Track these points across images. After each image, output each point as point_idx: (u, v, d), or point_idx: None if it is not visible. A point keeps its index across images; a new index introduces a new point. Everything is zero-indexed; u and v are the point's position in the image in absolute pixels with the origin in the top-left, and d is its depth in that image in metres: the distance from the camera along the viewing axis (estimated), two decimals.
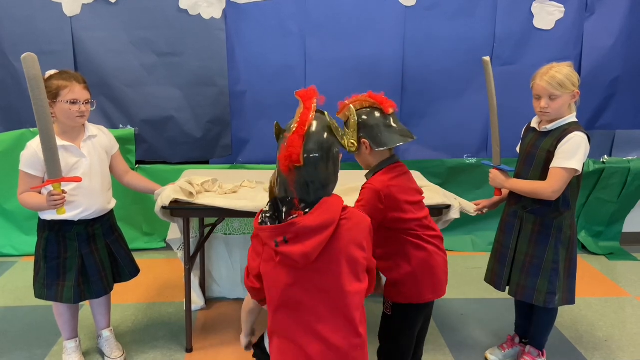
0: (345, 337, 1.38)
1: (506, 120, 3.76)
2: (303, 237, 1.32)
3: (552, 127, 2.15)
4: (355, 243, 1.38)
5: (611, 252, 3.87)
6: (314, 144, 1.37)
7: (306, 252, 1.31)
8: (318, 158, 1.37)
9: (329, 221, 1.33)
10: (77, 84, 2.14)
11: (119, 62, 3.46)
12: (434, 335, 2.71)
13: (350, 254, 1.37)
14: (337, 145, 1.43)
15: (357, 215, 1.43)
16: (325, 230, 1.32)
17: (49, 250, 2.20)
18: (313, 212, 1.34)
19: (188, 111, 3.56)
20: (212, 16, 3.44)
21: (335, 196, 1.43)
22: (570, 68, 2.12)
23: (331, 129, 1.42)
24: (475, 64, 3.64)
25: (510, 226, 2.29)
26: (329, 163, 1.39)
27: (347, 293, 1.37)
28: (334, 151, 1.40)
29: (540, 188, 2.12)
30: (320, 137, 1.39)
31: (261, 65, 3.54)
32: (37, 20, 3.37)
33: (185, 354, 2.53)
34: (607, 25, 3.60)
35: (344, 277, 1.36)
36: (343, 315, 1.38)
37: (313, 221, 1.32)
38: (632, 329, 2.82)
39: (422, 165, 3.61)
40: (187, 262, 2.47)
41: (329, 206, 1.36)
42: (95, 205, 2.24)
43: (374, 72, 3.57)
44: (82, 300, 2.27)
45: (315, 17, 3.49)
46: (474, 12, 3.56)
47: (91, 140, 2.24)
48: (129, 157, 3.62)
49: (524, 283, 2.23)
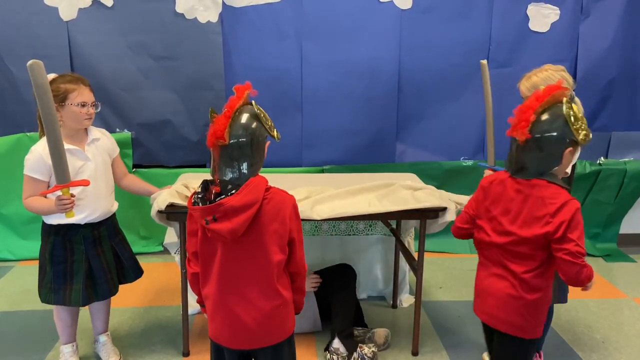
0: (268, 299, 1.61)
1: (502, 122, 3.77)
2: (230, 215, 1.49)
3: None
4: (276, 220, 1.56)
5: (608, 253, 3.88)
6: (240, 127, 1.53)
7: (233, 229, 1.50)
8: (243, 139, 1.53)
9: (253, 201, 1.50)
10: (84, 87, 2.15)
11: (115, 66, 3.47)
12: (431, 337, 2.71)
13: (273, 229, 1.56)
14: (263, 131, 1.57)
15: (280, 194, 1.60)
16: (250, 209, 1.50)
17: (56, 255, 2.20)
18: (239, 193, 1.51)
19: (185, 115, 3.57)
20: (208, 20, 3.44)
21: (259, 177, 1.57)
22: (557, 72, 2.09)
23: (258, 117, 1.55)
24: (472, 66, 3.65)
25: None
26: (252, 145, 1.54)
27: (271, 262, 1.58)
28: (257, 135, 1.55)
29: None
30: (246, 121, 1.54)
31: (258, 69, 3.54)
32: (34, 25, 3.37)
33: (182, 358, 2.52)
34: (602, 27, 3.62)
35: (268, 249, 1.57)
36: (266, 281, 1.60)
37: (238, 201, 1.49)
38: (629, 330, 2.82)
39: (418, 167, 3.61)
40: (184, 265, 2.47)
41: (252, 187, 1.52)
42: (101, 208, 2.25)
43: (370, 74, 3.58)
44: (89, 302, 2.28)
45: (312, 20, 3.50)
46: (470, 15, 3.57)
47: (95, 143, 2.25)
48: (126, 161, 3.61)
49: None
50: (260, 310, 1.61)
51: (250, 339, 1.64)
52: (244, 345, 1.66)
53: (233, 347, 1.67)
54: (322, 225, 3.11)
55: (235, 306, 1.61)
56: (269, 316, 1.62)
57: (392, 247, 3.07)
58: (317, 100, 3.61)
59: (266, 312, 1.61)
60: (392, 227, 2.95)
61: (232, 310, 1.62)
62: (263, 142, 1.58)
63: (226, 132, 1.51)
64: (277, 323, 1.65)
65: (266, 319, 1.62)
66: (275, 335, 1.66)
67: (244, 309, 1.61)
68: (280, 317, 1.65)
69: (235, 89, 1.58)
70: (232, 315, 1.62)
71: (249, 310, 1.61)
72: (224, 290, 1.62)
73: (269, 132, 1.57)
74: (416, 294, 2.50)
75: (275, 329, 1.66)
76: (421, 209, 2.35)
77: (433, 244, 3.81)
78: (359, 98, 3.62)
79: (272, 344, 1.66)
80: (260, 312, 1.61)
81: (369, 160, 3.71)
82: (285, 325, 1.68)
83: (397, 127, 3.72)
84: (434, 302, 3.11)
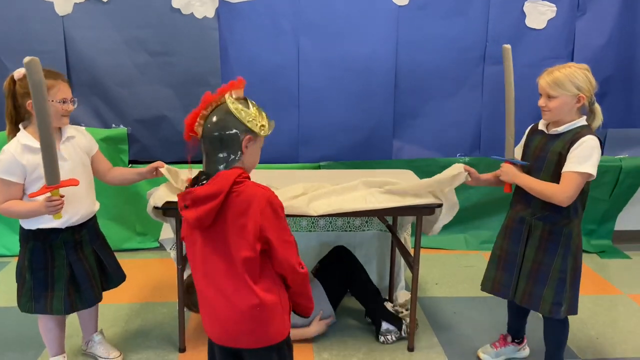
0: (242, 298, 1.56)
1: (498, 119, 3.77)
2: (197, 203, 1.52)
3: (562, 130, 2.05)
4: (245, 215, 1.51)
5: (603, 250, 3.89)
6: (210, 122, 1.55)
7: (198, 217, 1.51)
8: (213, 134, 1.55)
9: (217, 191, 1.50)
10: (63, 82, 2.09)
11: (111, 61, 3.45)
12: (426, 333, 2.72)
13: (240, 224, 1.52)
14: (237, 126, 1.55)
15: (252, 189, 1.54)
16: (214, 200, 1.49)
17: (35, 261, 2.11)
18: (208, 183, 1.53)
19: (181, 110, 3.55)
20: (205, 15, 3.43)
21: (233, 170, 1.54)
22: (580, 70, 2.01)
23: (231, 112, 1.54)
24: (468, 63, 3.66)
25: (517, 233, 2.19)
26: (222, 140, 1.55)
27: (236, 259, 1.53)
28: (227, 130, 1.55)
29: (553, 191, 2.02)
30: (217, 116, 1.56)
31: (254, 65, 3.54)
32: (29, 20, 3.35)
33: (178, 354, 2.53)
34: (598, 24, 3.62)
35: (233, 243, 1.53)
36: (238, 278, 1.55)
37: (203, 191, 1.51)
38: (623, 326, 2.84)
39: (415, 164, 3.61)
40: (179, 261, 2.47)
41: (220, 179, 1.52)
42: (82, 209, 2.16)
43: (367, 70, 3.58)
44: (73, 311, 2.20)
45: (309, 16, 3.50)
46: (467, 12, 3.57)
47: (70, 141, 2.15)
48: (122, 157, 3.61)
49: (530, 290, 2.15)
50: (234, 308, 1.57)
51: (227, 335, 1.62)
52: (223, 341, 1.64)
53: (214, 340, 1.66)
54: (319, 221, 3.12)
55: (213, 299, 1.60)
56: (245, 316, 1.57)
57: (388, 243, 3.08)
58: (314, 97, 3.60)
59: (241, 311, 1.56)
60: (388, 223, 2.96)
61: (210, 303, 1.62)
62: (236, 136, 1.55)
63: (196, 125, 1.56)
64: (256, 326, 1.58)
65: (242, 319, 1.57)
66: (255, 338, 1.59)
67: (220, 304, 1.59)
68: (260, 320, 1.58)
69: (229, 84, 1.61)
70: (210, 308, 1.62)
71: (224, 305, 1.58)
72: (204, 282, 1.62)
73: (248, 127, 1.55)
74: (412, 289, 2.50)
75: (254, 332, 1.58)
76: (418, 205, 2.35)
77: (429, 240, 3.81)
78: (356, 94, 3.62)
79: (253, 347, 1.61)
80: (234, 310, 1.57)
81: (366, 157, 3.71)
82: (267, 329, 1.60)
83: (394, 124, 3.72)
84: (430, 298, 3.12)
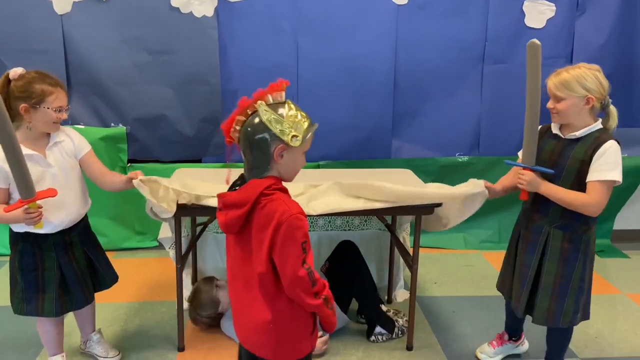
0: (258, 311, 1.53)
1: (497, 118, 3.79)
2: (226, 208, 1.51)
3: (580, 135, 1.98)
4: (265, 230, 1.46)
5: (602, 249, 3.89)
6: (245, 129, 1.49)
7: (226, 222, 1.51)
8: (244, 141, 1.50)
9: (244, 200, 1.46)
10: (61, 90, 2.04)
11: (110, 60, 3.45)
12: (425, 332, 2.72)
13: (260, 238, 1.47)
14: (265, 135, 1.47)
15: (276, 204, 1.46)
16: (240, 208, 1.47)
17: (25, 263, 2.10)
18: (238, 190, 1.51)
19: (180, 110, 3.55)
20: (204, 14, 3.43)
21: (264, 180, 1.49)
22: (590, 71, 1.94)
23: (262, 120, 1.46)
24: (467, 62, 3.66)
25: (533, 244, 2.10)
26: (251, 148, 1.49)
27: (255, 271, 1.50)
28: (255, 138, 1.47)
29: (583, 202, 1.94)
30: (251, 124, 1.48)
31: (253, 64, 3.53)
32: (28, 19, 3.34)
33: (177, 352, 2.53)
34: (598, 23, 3.62)
35: (254, 255, 1.50)
36: (256, 290, 1.52)
37: (232, 197, 1.50)
38: (622, 325, 2.84)
39: (414, 163, 3.62)
40: (178, 260, 2.47)
41: (249, 188, 1.48)
42: (70, 215, 2.13)
43: (366, 70, 3.57)
44: (63, 312, 2.19)
45: (308, 15, 3.49)
46: (466, 11, 3.56)
47: (57, 146, 2.09)
48: (121, 156, 3.61)
49: (554, 307, 2.07)
50: (251, 318, 1.55)
51: (247, 342, 1.62)
52: (246, 345, 1.63)
53: (240, 341, 1.68)
54: (318, 221, 3.12)
55: (236, 304, 1.61)
56: (259, 329, 1.55)
57: (387, 242, 3.08)
58: (313, 96, 3.60)
59: (256, 324, 1.55)
60: (387, 222, 2.96)
61: (235, 306, 1.63)
62: (268, 146, 1.47)
63: (232, 131, 1.51)
64: (271, 340, 1.55)
65: (258, 330, 1.55)
66: (271, 352, 1.57)
67: (241, 310, 1.60)
68: (276, 335, 1.55)
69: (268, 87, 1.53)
70: (235, 310, 1.63)
71: (244, 313, 1.59)
72: (232, 285, 1.62)
73: (278, 136, 1.47)
74: (411, 289, 2.51)
75: (270, 345, 1.56)
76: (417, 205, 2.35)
77: (428, 239, 3.82)
78: (355, 94, 3.62)
79: (271, 359, 1.58)
80: (251, 320, 1.56)
81: (365, 156, 3.71)
82: (284, 345, 1.56)
83: (393, 123, 3.71)
84: (429, 298, 3.12)
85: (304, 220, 1.46)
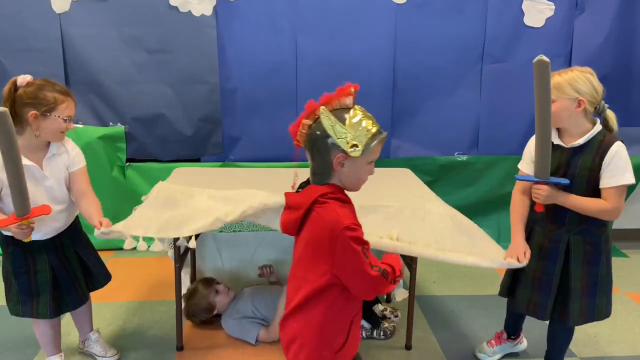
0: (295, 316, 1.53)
1: (496, 117, 3.78)
2: (287, 209, 1.52)
3: (583, 142, 1.97)
4: (314, 238, 1.45)
5: None
6: (309, 133, 1.47)
7: (283, 222, 1.53)
8: (307, 145, 1.49)
9: (300, 204, 1.47)
10: (72, 101, 2.03)
11: (108, 59, 3.44)
12: (424, 331, 2.72)
13: (310, 243, 1.46)
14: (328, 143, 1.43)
15: (327, 213, 1.42)
16: (297, 210, 1.47)
17: (17, 265, 2.08)
18: (299, 193, 1.51)
19: (179, 109, 3.55)
20: (202, 13, 3.42)
21: (321, 186, 1.47)
22: (582, 74, 1.93)
23: (324, 125, 1.43)
24: (466, 61, 3.66)
25: (554, 253, 2.08)
26: (313, 153, 1.47)
27: (297, 274, 1.53)
28: (317, 143, 1.45)
29: (602, 208, 1.96)
30: (313, 129, 1.46)
31: (252, 63, 3.53)
32: (26, 17, 3.34)
33: (175, 352, 2.52)
34: (597, 22, 3.62)
35: (301, 258, 1.51)
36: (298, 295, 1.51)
37: (291, 199, 1.51)
38: (621, 324, 2.84)
39: (413, 163, 3.61)
40: (177, 260, 2.46)
41: (307, 192, 1.48)
42: (59, 224, 2.13)
43: (365, 69, 3.57)
44: (58, 314, 2.18)
45: (307, 14, 3.49)
46: (465, 10, 3.56)
47: (55, 158, 2.07)
48: (120, 155, 3.61)
49: (588, 306, 2.10)
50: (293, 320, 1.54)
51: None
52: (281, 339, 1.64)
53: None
54: None
55: (288, 302, 1.58)
56: (293, 332, 1.54)
57: None
58: (312, 95, 3.55)
59: (293, 326, 1.53)
60: None
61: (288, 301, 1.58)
62: (328, 153, 1.43)
63: (298, 134, 1.50)
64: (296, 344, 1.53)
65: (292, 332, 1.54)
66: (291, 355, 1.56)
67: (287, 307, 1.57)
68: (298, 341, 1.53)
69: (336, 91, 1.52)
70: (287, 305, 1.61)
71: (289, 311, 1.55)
72: (289, 282, 1.59)
73: (338, 144, 1.41)
74: (410, 288, 2.50)
75: (292, 349, 1.55)
76: None
77: None
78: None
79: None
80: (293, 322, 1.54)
81: None
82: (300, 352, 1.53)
83: (392, 122, 3.71)
84: (428, 297, 3.12)
85: (356, 229, 1.41)
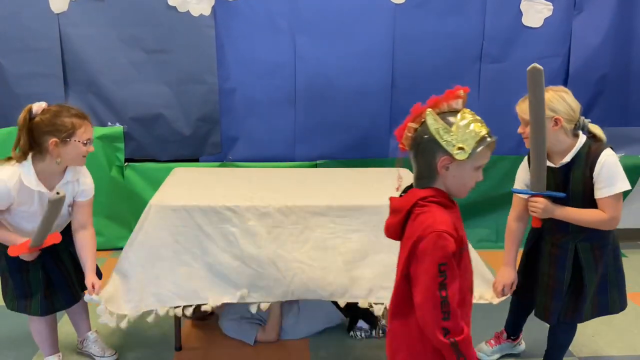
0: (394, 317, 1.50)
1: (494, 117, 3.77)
2: (391, 213, 1.50)
3: (570, 158, 1.99)
4: (409, 242, 1.40)
5: None
6: (414, 137, 1.44)
7: (387, 226, 1.51)
8: (411, 150, 1.46)
9: (399, 208, 1.45)
10: (89, 124, 2.03)
11: (107, 59, 3.44)
12: None
13: (406, 247, 1.41)
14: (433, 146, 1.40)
15: (426, 217, 1.38)
16: (397, 215, 1.45)
17: (10, 263, 2.10)
18: (401, 197, 1.49)
19: (177, 109, 3.55)
20: (201, 13, 3.42)
21: (423, 190, 1.43)
22: (556, 93, 1.96)
23: (430, 129, 1.41)
24: (465, 61, 3.66)
25: (562, 260, 2.10)
26: (417, 157, 1.44)
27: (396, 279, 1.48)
28: (421, 147, 1.42)
29: (600, 219, 1.97)
30: (419, 132, 1.43)
31: (251, 63, 3.53)
32: (24, 17, 3.33)
33: (174, 352, 2.52)
34: (595, 22, 3.62)
35: (400, 262, 1.46)
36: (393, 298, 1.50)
37: (394, 203, 1.49)
38: (619, 324, 2.84)
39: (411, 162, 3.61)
40: None
41: (408, 196, 1.45)
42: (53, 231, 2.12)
43: (363, 69, 3.57)
44: (50, 312, 2.20)
45: (305, 14, 3.49)
46: (463, 10, 3.56)
47: (67, 186, 2.08)
48: (118, 155, 3.60)
49: (600, 301, 2.14)
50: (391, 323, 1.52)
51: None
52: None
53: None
54: None
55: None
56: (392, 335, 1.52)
57: None
58: (311, 95, 3.60)
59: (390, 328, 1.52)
60: None
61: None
62: (432, 156, 1.39)
63: (404, 138, 1.46)
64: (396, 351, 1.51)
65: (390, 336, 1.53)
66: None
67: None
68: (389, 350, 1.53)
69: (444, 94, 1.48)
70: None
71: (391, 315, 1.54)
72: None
73: (444, 147, 1.38)
74: None
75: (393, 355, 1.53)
76: None
77: None
78: (353, 93, 3.61)
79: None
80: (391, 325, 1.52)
81: (362, 155, 3.71)
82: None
83: (391, 122, 3.71)
84: None
85: (448, 239, 1.33)
